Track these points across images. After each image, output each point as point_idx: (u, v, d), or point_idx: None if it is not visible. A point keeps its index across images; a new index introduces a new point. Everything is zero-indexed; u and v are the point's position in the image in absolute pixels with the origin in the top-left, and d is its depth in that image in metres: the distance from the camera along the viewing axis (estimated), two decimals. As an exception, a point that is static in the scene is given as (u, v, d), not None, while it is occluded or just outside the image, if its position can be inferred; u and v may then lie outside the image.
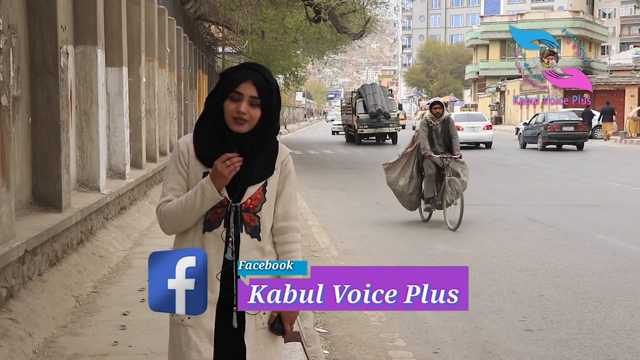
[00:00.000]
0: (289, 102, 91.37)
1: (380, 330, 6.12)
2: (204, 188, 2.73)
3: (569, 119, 30.42)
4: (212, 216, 2.79)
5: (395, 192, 11.48)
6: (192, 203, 2.75)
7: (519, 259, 8.74)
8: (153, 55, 14.68)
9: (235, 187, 2.78)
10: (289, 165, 2.94)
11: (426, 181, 11.22)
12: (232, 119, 2.76)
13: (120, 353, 5.17)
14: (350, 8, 26.86)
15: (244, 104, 2.75)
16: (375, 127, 35.37)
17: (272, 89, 2.80)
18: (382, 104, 35.00)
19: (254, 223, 2.82)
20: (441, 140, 11.20)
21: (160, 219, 2.85)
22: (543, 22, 65.48)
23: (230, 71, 2.82)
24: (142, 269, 7.82)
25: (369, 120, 35.04)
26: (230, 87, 2.77)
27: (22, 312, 5.51)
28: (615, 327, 6.08)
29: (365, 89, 36.53)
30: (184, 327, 2.78)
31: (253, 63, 2.90)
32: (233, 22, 26.68)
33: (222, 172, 2.70)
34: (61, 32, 7.54)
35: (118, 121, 11.06)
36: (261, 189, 2.83)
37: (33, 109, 7.36)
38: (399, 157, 11.47)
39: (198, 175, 2.81)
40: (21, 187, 7.05)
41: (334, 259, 8.89)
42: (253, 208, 2.81)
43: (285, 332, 2.83)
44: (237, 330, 2.79)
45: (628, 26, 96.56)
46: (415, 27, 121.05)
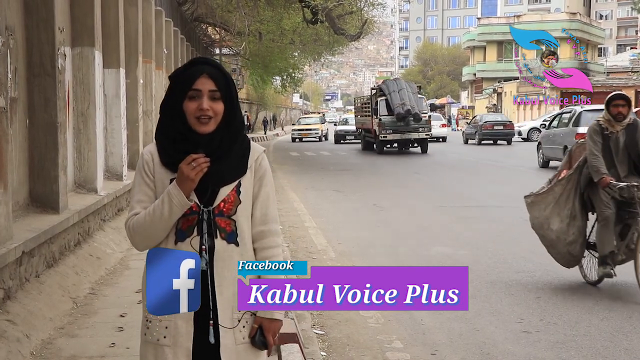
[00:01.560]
0: (286, 104, 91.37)
1: (377, 331, 6.12)
2: (171, 194, 2.55)
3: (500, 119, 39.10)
4: (183, 224, 2.62)
5: (545, 240, 7.69)
6: (160, 212, 2.57)
7: (516, 261, 8.75)
8: (150, 56, 14.69)
9: (206, 190, 2.61)
10: (263, 163, 2.74)
11: (600, 228, 7.21)
12: (195, 119, 2.60)
13: (118, 355, 5.17)
14: (347, 10, 26.87)
15: (205, 100, 2.59)
16: (402, 132, 29.20)
17: (229, 79, 2.67)
18: (412, 103, 28.95)
19: (229, 227, 2.64)
20: (625, 158, 7.23)
21: (130, 234, 2.67)
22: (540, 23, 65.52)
23: (181, 70, 2.66)
24: (139, 271, 7.79)
25: (394, 123, 28.92)
26: (186, 86, 2.61)
27: (20, 313, 5.50)
28: (612, 329, 6.08)
29: (388, 85, 30.35)
30: (161, 347, 2.63)
31: (201, 57, 2.75)
32: (230, 24, 26.69)
33: (188, 175, 2.53)
34: (58, 34, 7.54)
35: (115, 123, 11.06)
36: (235, 190, 2.65)
37: (30, 110, 7.36)
38: (549, 185, 7.71)
39: (165, 183, 2.63)
40: (18, 188, 7.04)
41: (331, 261, 8.89)
42: (227, 211, 2.63)
43: (268, 345, 2.69)
44: (215, 346, 2.63)
45: (625, 28, 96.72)
46: (412, 29, 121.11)
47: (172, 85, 2.67)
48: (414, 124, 28.85)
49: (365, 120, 32.69)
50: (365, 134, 33.16)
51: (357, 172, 22.04)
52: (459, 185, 17.81)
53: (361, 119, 34.57)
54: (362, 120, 33.97)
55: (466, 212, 13.03)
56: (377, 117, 29.30)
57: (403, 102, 28.79)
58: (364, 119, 33.19)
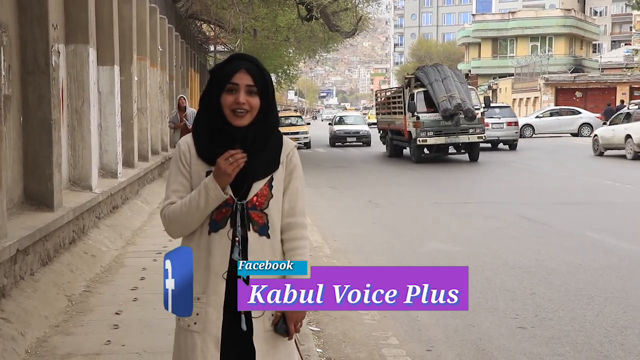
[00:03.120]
0: (281, 101, 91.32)
1: (373, 328, 6.12)
2: (208, 187, 2.64)
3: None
4: (217, 216, 2.70)
5: None
6: (196, 204, 2.66)
7: (511, 257, 8.76)
8: (145, 53, 14.65)
9: (240, 184, 2.70)
10: (294, 158, 2.83)
11: None
12: (231, 112, 2.69)
13: (113, 352, 5.16)
14: (342, 6, 26.85)
15: (242, 94, 2.68)
16: (448, 134, 22.43)
17: (266, 75, 2.75)
18: (462, 97, 22.17)
19: (261, 221, 2.73)
20: None
21: (165, 222, 2.76)
22: (534, 20, 65.70)
23: (221, 65, 2.76)
24: (134, 268, 7.80)
25: (437, 122, 22.33)
26: (224, 80, 2.70)
27: (14, 311, 5.49)
28: (608, 324, 6.09)
29: (428, 73, 23.18)
30: (190, 333, 2.71)
31: (241, 53, 2.84)
32: (225, 21, 26.64)
33: (225, 170, 2.61)
34: (52, 31, 7.51)
35: (110, 120, 11.04)
36: (267, 185, 2.74)
37: (24, 108, 7.33)
38: None
39: (201, 175, 2.72)
40: (13, 186, 7.02)
41: (326, 258, 8.88)
42: (260, 205, 2.73)
43: (289, 333, 2.74)
44: (246, 334, 2.71)
45: (619, 24, 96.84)
46: (407, 26, 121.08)
47: (211, 80, 2.77)
48: (465, 123, 22.20)
49: (394, 118, 25.71)
50: (392, 136, 26.20)
51: (352, 169, 22.05)
52: (454, 181, 17.83)
53: (386, 118, 27.33)
54: (388, 119, 26.79)
55: (462, 208, 13.03)
56: (414, 115, 22.59)
57: (451, 95, 22.07)
58: (391, 117, 26.25)
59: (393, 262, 8.58)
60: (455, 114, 21.96)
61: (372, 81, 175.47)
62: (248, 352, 2.70)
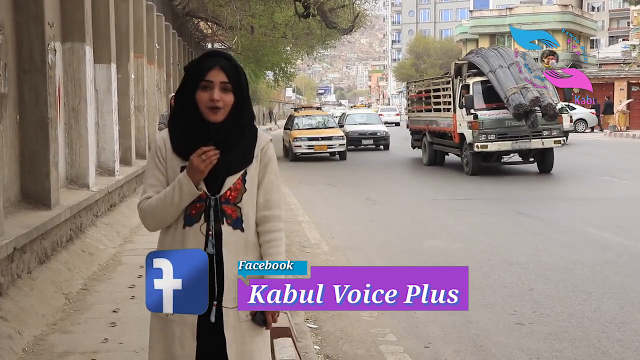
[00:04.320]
0: (279, 98, 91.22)
1: (371, 325, 6.12)
2: (181, 183, 2.71)
3: None
4: (191, 210, 2.77)
5: None
6: (170, 199, 2.74)
7: (509, 253, 8.76)
8: (142, 51, 14.63)
9: (215, 178, 2.76)
10: (269, 152, 2.89)
11: None
12: (207, 109, 2.74)
13: (111, 350, 5.15)
14: (339, 3, 26.81)
15: (216, 91, 2.73)
16: (516, 138, 17.33)
17: (240, 72, 2.81)
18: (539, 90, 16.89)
19: (235, 214, 2.79)
20: None
21: (142, 215, 2.84)
22: (532, 16, 65.60)
23: (196, 62, 2.81)
24: (132, 266, 7.79)
25: (501, 123, 17.29)
26: (199, 77, 2.75)
27: (12, 310, 5.48)
28: (605, 320, 6.09)
29: (488, 57, 17.91)
30: (170, 322, 2.76)
31: (216, 50, 2.91)
32: (222, 18, 26.60)
33: (198, 167, 2.68)
34: (48, 29, 7.50)
35: (107, 118, 11.02)
36: (241, 179, 2.80)
37: (21, 106, 7.31)
38: None
39: (176, 170, 2.79)
40: (9, 184, 7.01)
41: (324, 255, 8.88)
42: (233, 199, 2.79)
43: (267, 323, 2.79)
44: (219, 324, 2.76)
45: (617, 20, 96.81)
46: (404, 22, 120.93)
47: (186, 76, 2.83)
48: (545, 123, 16.99)
49: (435, 117, 20.29)
50: (433, 139, 20.66)
51: (350, 166, 22.02)
52: (451, 178, 17.81)
53: (423, 116, 21.77)
54: (426, 118, 21.19)
55: (459, 205, 13.03)
56: (470, 113, 17.42)
57: (524, 86, 16.86)
58: (431, 115, 20.77)
59: (391, 260, 8.59)
60: (531, 112, 16.58)
61: (369, 78, 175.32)
62: (222, 342, 2.76)
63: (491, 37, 69.87)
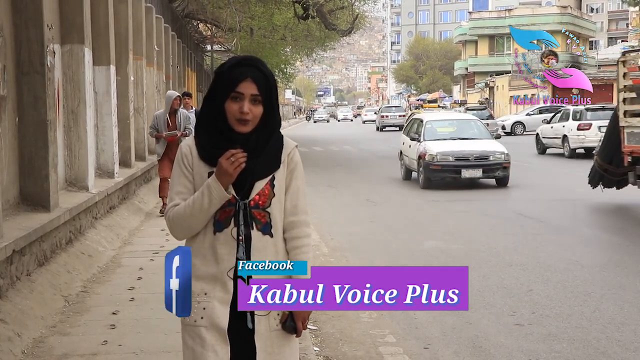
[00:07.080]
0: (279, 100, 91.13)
1: (370, 326, 6.12)
2: (210, 187, 2.67)
3: None
4: (221, 216, 2.73)
5: None
6: (199, 204, 2.69)
7: (508, 254, 8.76)
8: (141, 53, 14.64)
9: (243, 183, 2.73)
10: (295, 158, 2.87)
11: None
12: (235, 120, 2.71)
13: (110, 352, 5.15)
14: (338, 5, 26.86)
15: (246, 104, 2.70)
16: None
17: (271, 80, 2.78)
18: None
19: (264, 219, 2.76)
20: None
21: (170, 224, 2.79)
22: (531, 17, 65.59)
23: (227, 69, 2.75)
24: (131, 268, 7.79)
25: None
26: (229, 87, 2.71)
27: (11, 312, 5.48)
28: (605, 321, 6.10)
29: None
30: (198, 328, 2.72)
31: (247, 57, 2.83)
32: (221, 20, 26.61)
33: (227, 169, 2.65)
34: (47, 31, 7.50)
35: (106, 120, 11.02)
36: (269, 184, 2.77)
37: (20, 108, 7.31)
38: None
39: (203, 176, 2.75)
40: (9, 187, 7.01)
41: (324, 256, 8.88)
42: (262, 204, 2.76)
43: (297, 330, 2.78)
44: (251, 332, 2.74)
45: (616, 21, 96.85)
46: (403, 24, 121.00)
47: (216, 83, 2.77)
48: None
49: None
50: None
51: (349, 167, 22.01)
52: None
53: None
54: None
55: (458, 206, 13.03)
56: None
57: None
58: None
59: (390, 261, 8.58)
60: None
61: (369, 79, 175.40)
62: (252, 350, 2.73)
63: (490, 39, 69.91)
